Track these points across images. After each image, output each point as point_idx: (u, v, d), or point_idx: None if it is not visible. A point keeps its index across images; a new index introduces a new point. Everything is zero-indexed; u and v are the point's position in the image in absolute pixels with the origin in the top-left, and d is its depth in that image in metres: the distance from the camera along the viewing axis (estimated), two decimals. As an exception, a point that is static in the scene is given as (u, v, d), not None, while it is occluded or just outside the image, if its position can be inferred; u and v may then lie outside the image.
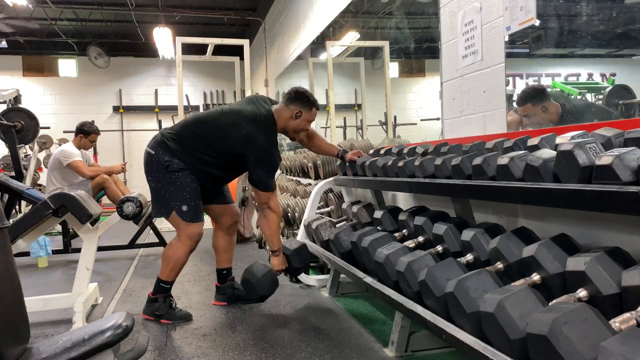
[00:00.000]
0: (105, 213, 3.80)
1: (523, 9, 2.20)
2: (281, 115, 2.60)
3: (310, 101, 2.62)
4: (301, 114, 2.61)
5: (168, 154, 2.54)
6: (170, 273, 2.62)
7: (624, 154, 1.18)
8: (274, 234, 2.67)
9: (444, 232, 1.93)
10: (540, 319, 1.11)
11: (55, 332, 2.49)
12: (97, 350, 0.95)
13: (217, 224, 2.92)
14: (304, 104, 2.61)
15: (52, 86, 10.53)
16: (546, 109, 2.33)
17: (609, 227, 1.55)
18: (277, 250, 2.69)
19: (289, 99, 2.61)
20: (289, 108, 2.60)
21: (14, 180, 3.61)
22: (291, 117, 2.60)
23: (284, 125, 2.62)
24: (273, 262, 2.70)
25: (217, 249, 2.90)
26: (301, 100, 2.60)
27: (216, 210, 2.87)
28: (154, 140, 2.63)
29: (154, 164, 2.57)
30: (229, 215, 2.88)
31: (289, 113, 2.60)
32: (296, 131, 2.68)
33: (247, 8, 8.95)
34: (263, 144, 2.50)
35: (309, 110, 2.63)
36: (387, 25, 6.08)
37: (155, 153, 2.56)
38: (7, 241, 1.07)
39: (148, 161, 2.60)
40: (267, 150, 2.53)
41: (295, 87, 2.68)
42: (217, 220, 2.90)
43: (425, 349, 2.04)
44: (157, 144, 2.58)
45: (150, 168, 2.59)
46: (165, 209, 2.59)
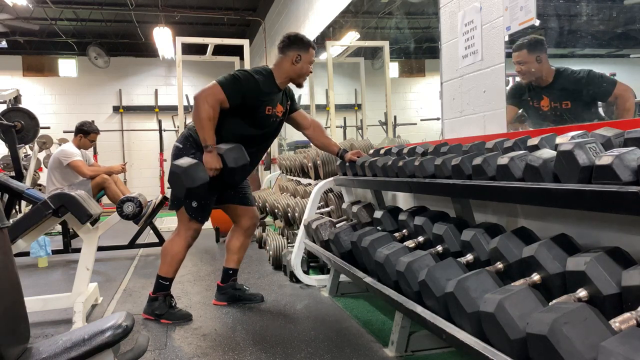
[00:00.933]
0: (105, 213, 3.80)
1: (523, 9, 2.20)
2: (281, 67, 2.61)
3: (305, 41, 2.63)
4: (300, 57, 2.60)
5: (194, 147, 2.57)
6: (168, 268, 2.62)
7: (624, 154, 1.18)
8: (204, 126, 2.47)
9: (444, 232, 1.93)
10: (540, 319, 1.11)
11: (55, 332, 2.49)
12: (97, 350, 0.95)
13: (235, 224, 2.91)
14: (300, 46, 2.61)
15: (52, 86, 10.53)
16: (540, 60, 2.31)
17: (609, 227, 1.55)
18: (208, 145, 2.48)
19: (284, 47, 2.62)
20: (287, 55, 2.61)
21: (14, 180, 3.61)
22: (292, 62, 2.60)
23: (286, 74, 2.62)
24: (205, 159, 2.48)
25: (230, 248, 2.90)
26: (296, 43, 2.61)
27: (237, 211, 2.86)
28: (181, 135, 2.69)
29: (181, 157, 2.58)
30: (249, 217, 2.88)
31: (288, 60, 2.61)
32: (301, 75, 2.66)
33: (247, 8, 8.96)
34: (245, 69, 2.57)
35: (307, 51, 2.63)
36: (387, 25, 6.08)
37: (183, 147, 2.61)
38: (7, 241, 1.07)
39: (175, 155, 2.62)
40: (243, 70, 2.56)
41: (287, 33, 2.69)
42: (237, 220, 2.90)
43: (425, 349, 2.04)
44: (185, 138, 2.64)
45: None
46: (177, 202, 2.60)
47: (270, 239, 3.97)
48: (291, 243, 3.73)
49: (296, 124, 2.94)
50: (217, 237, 5.19)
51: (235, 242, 2.89)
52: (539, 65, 2.32)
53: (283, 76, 2.62)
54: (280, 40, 2.65)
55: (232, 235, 2.91)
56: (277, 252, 3.73)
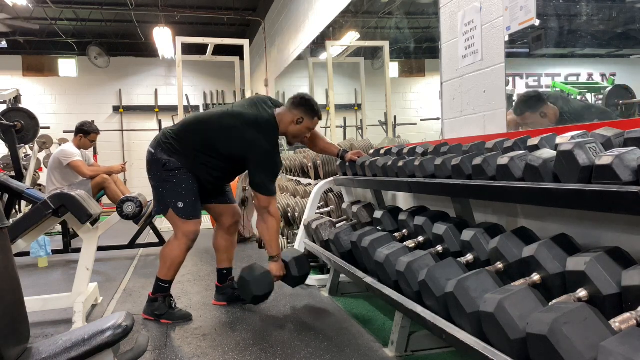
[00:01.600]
0: (105, 213, 3.80)
1: (523, 9, 2.20)
2: (283, 119, 2.61)
3: (314, 110, 2.64)
4: (303, 121, 2.62)
5: (166, 153, 2.56)
6: (168, 272, 2.62)
7: (624, 154, 1.18)
8: (272, 239, 2.67)
9: (444, 232, 1.93)
10: (540, 319, 1.11)
11: (55, 332, 2.49)
12: (97, 350, 0.95)
13: (217, 223, 2.92)
14: (307, 111, 2.62)
15: (52, 86, 10.52)
16: (545, 115, 2.33)
17: (609, 227, 1.55)
18: (275, 256, 2.68)
19: (293, 104, 2.62)
20: (292, 112, 2.61)
21: (14, 180, 3.61)
22: (293, 122, 2.61)
23: (284, 129, 2.63)
24: (271, 267, 2.68)
25: (217, 248, 2.90)
26: (305, 106, 2.62)
27: (217, 210, 2.86)
28: (154, 140, 2.67)
29: (154, 163, 2.59)
30: (230, 215, 2.88)
31: (291, 117, 2.61)
32: (295, 137, 2.69)
33: (247, 8, 8.95)
34: (265, 148, 2.51)
35: (311, 119, 2.65)
36: (387, 25, 6.08)
37: (155, 152, 2.59)
38: (7, 241, 1.07)
39: (149, 160, 2.62)
40: (268, 155, 2.54)
41: (301, 93, 2.70)
42: (218, 219, 2.90)
43: (425, 349, 2.04)
44: (158, 143, 2.62)
45: (151, 167, 2.62)
46: (163, 206, 2.60)
47: (270, 239, 3.96)
48: (291, 243, 3.73)
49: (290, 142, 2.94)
50: (217, 237, 5.18)
51: (221, 241, 2.89)
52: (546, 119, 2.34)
53: (282, 128, 2.63)
54: (294, 96, 2.67)
55: (217, 235, 2.92)
56: (277, 252, 3.73)
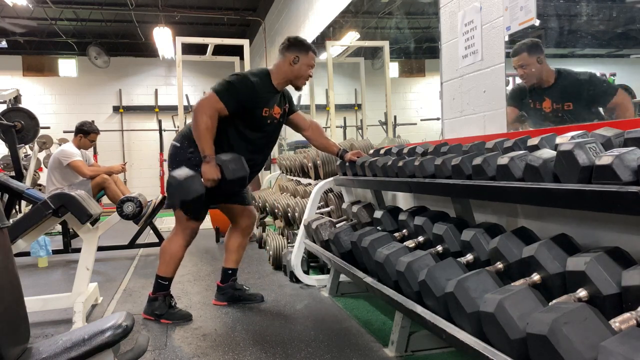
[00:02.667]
0: (105, 213, 3.80)
1: (523, 8, 2.20)
2: (279, 68, 2.62)
3: (306, 45, 2.63)
4: (299, 59, 2.60)
5: (192, 145, 2.55)
6: (167, 268, 2.62)
7: (624, 154, 1.18)
8: (202, 136, 2.45)
9: (444, 232, 1.93)
10: (540, 319, 1.11)
11: (55, 332, 2.49)
12: (97, 350, 0.95)
13: (233, 224, 2.92)
14: (300, 48, 2.61)
15: (52, 86, 10.53)
16: (541, 61, 2.32)
17: (609, 227, 1.55)
18: (206, 155, 2.45)
19: (284, 48, 2.63)
20: (285, 56, 2.61)
21: (14, 180, 3.61)
22: (290, 64, 2.60)
23: (284, 75, 2.61)
24: (203, 169, 2.45)
25: (228, 248, 2.90)
26: (295, 45, 2.61)
27: (235, 211, 2.86)
28: (179, 134, 2.68)
29: (178, 156, 2.59)
30: (247, 216, 2.88)
31: (286, 61, 2.61)
32: (298, 77, 2.64)
33: (247, 8, 8.96)
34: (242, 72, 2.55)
35: (306, 54, 2.62)
36: (387, 25, 6.08)
37: (181, 145, 2.61)
38: (7, 241, 1.07)
39: (172, 153, 2.63)
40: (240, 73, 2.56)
41: (288, 36, 2.70)
42: (234, 220, 2.90)
43: (425, 349, 2.04)
44: (183, 136, 2.63)
45: (174, 159, 2.61)
46: None
47: (270, 239, 3.97)
48: (291, 243, 3.73)
49: (295, 126, 2.94)
50: (217, 237, 5.19)
51: (233, 241, 2.89)
52: (540, 66, 2.33)
53: (280, 77, 2.61)
54: (282, 43, 2.66)
55: (230, 235, 2.92)
56: (277, 252, 3.73)
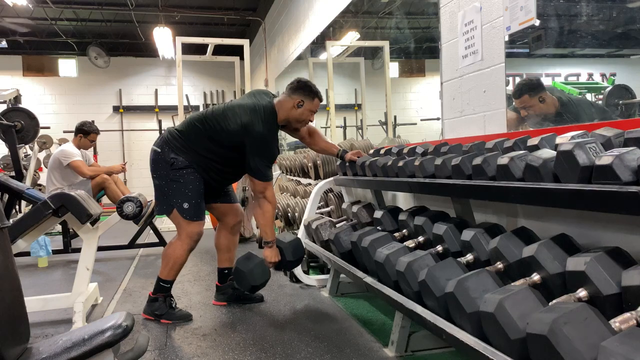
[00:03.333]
0: (105, 213, 3.80)
1: (523, 9, 2.20)
2: (283, 106, 2.61)
3: (313, 91, 2.63)
4: (303, 104, 2.61)
5: (173, 151, 2.56)
6: (170, 272, 2.62)
7: (624, 154, 1.18)
8: (268, 224, 2.64)
9: (444, 232, 1.93)
10: (540, 319, 1.11)
11: (55, 332, 2.49)
12: (97, 350, 0.95)
13: (220, 223, 2.92)
14: (307, 94, 2.61)
15: (52, 86, 10.52)
16: (543, 100, 2.34)
17: (609, 227, 1.55)
18: (270, 241, 2.66)
19: (291, 89, 2.62)
20: (291, 97, 2.61)
21: (14, 180, 3.61)
22: (293, 106, 2.61)
23: (286, 115, 2.62)
24: (265, 254, 2.67)
25: (219, 248, 2.90)
26: (304, 89, 2.61)
27: (220, 209, 2.86)
28: (160, 139, 2.67)
29: (160, 162, 2.58)
30: (233, 214, 2.89)
31: (291, 102, 2.61)
32: (299, 121, 2.67)
33: (247, 8, 8.95)
34: (261, 131, 2.49)
35: (312, 100, 2.63)
36: (387, 25, 6.08)
37: (162, 150, 2.59)
38: (7, 241, 1.07)
39: (154, 159, 2.62)
40: (264, 139, 2.53)
41: (298, 77, 2.70)
42: (221, 219, 2.90)
43: (425, 349, 2.04)
44: (164, 141, 2.61)
45: (156, 166, 2.61)
46: (167, 206, 2.59)
47: (270, 239, 3.96)
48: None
49: (293, 132, 2.94)
50: (217, 237, 5.19)
51: (223, 241, 2.90)
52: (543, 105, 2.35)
53: (283, 116, 2.62)
54: (291, 82, 2.66)
55: (219, 234, 2.92)
56: (277, 252, 3.73)
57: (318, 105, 2.67)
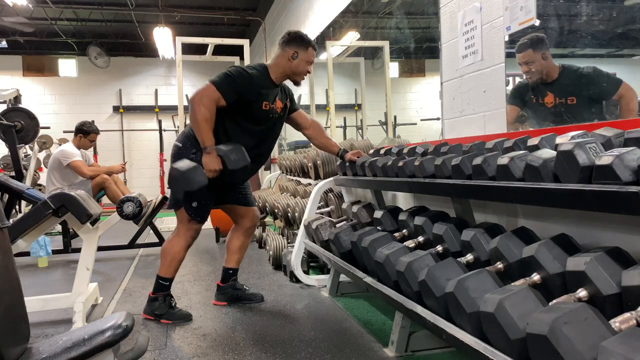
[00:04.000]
0: (105, 213, 3.80)
1: (523, 8, 2.20)
2: (278, 62, 2.61)
3: (306, 40, 2.62)
4: (298, 54, 2.60)
5: (195, 146, 2.55)
6: (168, 269, 2.62)
7: (624, 154, 1.18)
8: (201, 128, 2.44)
9: (444, 232, 1.93)
10: (540, 319, 1.11)
11: (55, 332, 2.49)
12: (97, 350, 0.95)
13: (236, 224, 2.92)
14: (299, 44, 2.61)
15: (52, 86, 10.53)
16: (546, 57, 2.32)
17: (609, 227, 1.55)
18: (207, 146, 2.46)
19: (284, 42, 2.62)
20: (285, 51, 2.61)
21: (14, 180, 3.61)
22: (288, 59, 2.60)
23: (281, 70, 2.61)
24: (204, 161, 2.46)
25: (230, 248, 2.90)
26: (295, 40, 2.61)
27: (238, 212, 2.86)
28: (181, 134, 2.68)
29: (181, 156, 2.58)
30: (249, 217, 2.88)
31: (285, 56, 2.60)
32: (297, 73, 2.65)
33: (247, 8, 8.96)
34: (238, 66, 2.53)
35: (305, 50, 2.62)
36: (387, 25, 6.08)
37: (183, 145, 2.60)
38: (7, 241, 1.07)
39: (175, 154, 2.62)
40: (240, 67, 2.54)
41: (289, 30, 2.69)
42: (237, 221, 2.90)
43: (425, 349, 2.04)
44: (186, 137, 2.62)
45: (176, 160, 2.59)
46: (177, 201, 2.60)
47: (270, 239, 3.97)
48: (291, 243, 3.73)
49: (296, 124, 2.94)
50: (217, 237, 5.19)
51: (235, 242, 2.89)
52: (546, 62, 2.33)
53: (279, 72, 2.61)
54: (281, 36, 2.65)
55: (233, 235, 2.92)
56: (277, 252, 3.73)
57: (313, 54, 2.65)
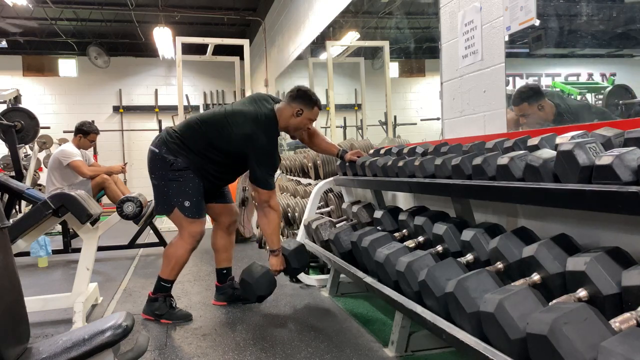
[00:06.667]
0: (105, 213, 3.80)
1: (523, 8, 2.20)
2: (283, 114, 2.62)
3: (312, 100, 2.64)
4: (302, 112, 2.62)
5: (172, 152, 2.55)
6: (171, 272, 2.62)
7: (624, 154, 1.18)
8: (274, 233, 2.68)
9: (444, 232, 1.93)
10: (540, 319, 1.11)
11: (55, 332, 2.49)
12: (97, 350, 0.95)
13: (216, 223, 2.92)
14: (306, 102, 2.62)
15: (52, 86, 10.53)
16: (542, 108, 2.34)
17: (609, 227, 1.55)
18: (276, 250, 2.70)
19: (291, 97, 2.63)
20: (291, 106, 2.61)
21: (14, 180, 3.61)
22: (292, 115, 2.61)
23: (285, 123, 2.63)
24: (272, 262, 2.70)
25: (216, 248, 2.91)
26: (303, 98, 2.62)
27: (216, 210, 2.87)
28: (158, 139, 2.65)
29: (158, 162, 2.58)
30: (228, 214, 2.89)
31: (290, 111, 2.61)
32: (297, 129, 2.69)
33: (247, 8, 8.96)
34: (264, 143, 2.51)
35: (311, 109, 2.64)
36: (387, 25, 6.07)
37: (159, 151, 2.58)
38: (7, 241, 1.07)
39: (152, 159, 2.61)
40: (267, 149, 2.54)
41: (298, 85, 2.71)
42: (217, 219, 2.90)
43: (425, 349, 2.04)
44: (162, 142, 2.60)
45: (154, 166, 2.60)
46: (167, 206, 2.58)
47: (270, 239, 3.96)
48: (291, 243, 3.73)
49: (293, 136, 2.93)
50: (217, 237, 5.18)
51: (220, 241, 2.90)
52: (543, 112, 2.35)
53: (282, 124, 2.64)
54: (291, 90, 2.66)
55: (215, 234, 2.92)
56: (277, 252, 3.73)
57: (317, 114, 2.69)
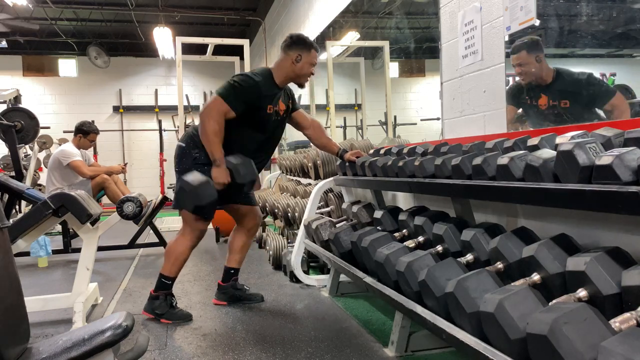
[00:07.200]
0: (105, 213, 3.80)
1: (523, 8, 2.20)
2: (282, 65, 2.63)
3: (308, 43, 2.65)
4: (301, 57, 2.62)
5: (197, 147, 2.59)
6: (172, 268, 2.62)
7: (624, 154, 1.18)
8: (211, 142, 2.49)
9: (444, 232, 1.93)
10: (540, 319, 1.11)
11: (55, 332, 2.49)
12: (97, 350, 0.95)
13: (238, 224, 2.93)
14: (302, 47, 2.63)
15: (52, 86, 10.53)
16: (540, 60, 2.33)
17: (609, 227, 1.55)
18: (216, 159, 2.50)
19: (286, 46, 2.64)
20: (288, 55, 2.63)
21: (14, 180, 3.61)
22: (292, 62, 2.62)
23: (285, 73, 2.64)
24: (214, 174, 2.51)
25: (232, 248, 2.91)
26: (298, 44, 2.63)
27: (241, 211, 2.87)
28: (186, 134, 2.72)
29: (184, 156, 2.64)
30: (252, 217, 2.89)
31: (289, 60, 2.63)
32: (300, 76, 2.67)
33: (247, 8, 8.96)
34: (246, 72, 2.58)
35: (309, 52, 2.64)
36: (387, 25, 6.08)
37: (187, 146, 2.64)
38: (7, 241, 1.07)
39: (179, 154, 2.67)
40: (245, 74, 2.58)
41: (290, 33, 2.72)
42: (240, 220, 2.91)
43: (425, 349, 2.04)
44: (189, 137, 2.67)
45: (180, 160, 2.66)
46: None
47: (270, 239, 3.97)
48: (291, 243, 3.73)
49: (296, 124, 2.95)
50: (217, 237, 5.19)
51: (238, 241, 2.90)
52: (539, 65, 2.33)
53: (283, 75, 2.63)
54: (284, 40, 2.67)
55: (235, 235, 2.92)
56: (277, 252, 3.73)
57: (316, 56, 2.68)
